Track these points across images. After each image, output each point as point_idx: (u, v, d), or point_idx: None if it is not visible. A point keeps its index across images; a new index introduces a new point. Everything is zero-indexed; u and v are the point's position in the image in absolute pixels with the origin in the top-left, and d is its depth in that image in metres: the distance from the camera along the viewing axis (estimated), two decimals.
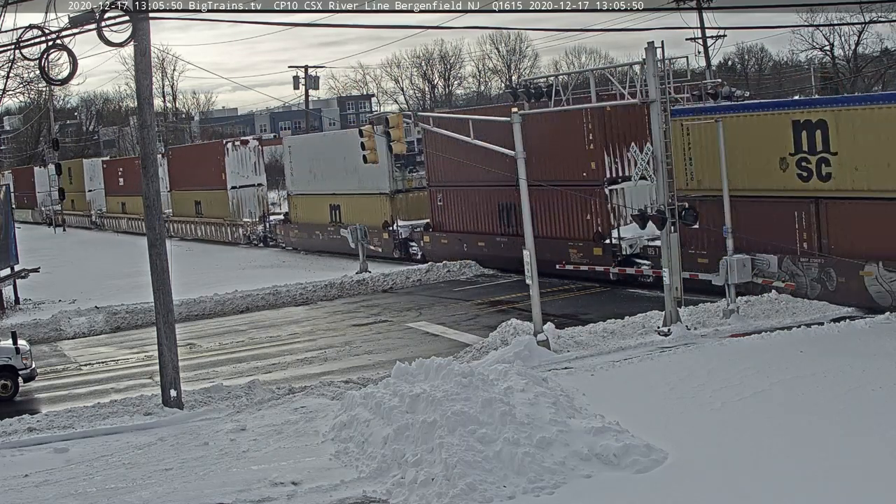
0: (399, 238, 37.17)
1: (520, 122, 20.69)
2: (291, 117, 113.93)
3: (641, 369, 17.88)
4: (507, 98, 35.26)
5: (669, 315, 20.60)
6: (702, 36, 48.77)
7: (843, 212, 21.83)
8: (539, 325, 20.05)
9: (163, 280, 18.13)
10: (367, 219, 37.54)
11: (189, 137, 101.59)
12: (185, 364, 19.74)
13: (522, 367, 15.77)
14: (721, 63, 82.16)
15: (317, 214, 42.62)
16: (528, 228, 20.69)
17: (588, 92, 22.93)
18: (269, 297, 31.25)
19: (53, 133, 77.64)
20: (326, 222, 41.46)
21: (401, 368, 15.90)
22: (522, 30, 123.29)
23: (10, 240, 34.04)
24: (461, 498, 12.10)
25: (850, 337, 18.70)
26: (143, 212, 19.00)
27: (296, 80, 62.90)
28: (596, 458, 12.84)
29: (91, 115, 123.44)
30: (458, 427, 13.18)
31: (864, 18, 62.32)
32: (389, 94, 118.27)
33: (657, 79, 20.49)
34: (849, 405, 14.58)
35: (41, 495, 13.75)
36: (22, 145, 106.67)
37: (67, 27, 17.30)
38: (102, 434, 16.69)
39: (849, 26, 64.08)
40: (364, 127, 27.09)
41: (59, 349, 26.65)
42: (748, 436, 13.59)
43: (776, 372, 16.46)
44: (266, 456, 14.70)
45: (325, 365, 21.89)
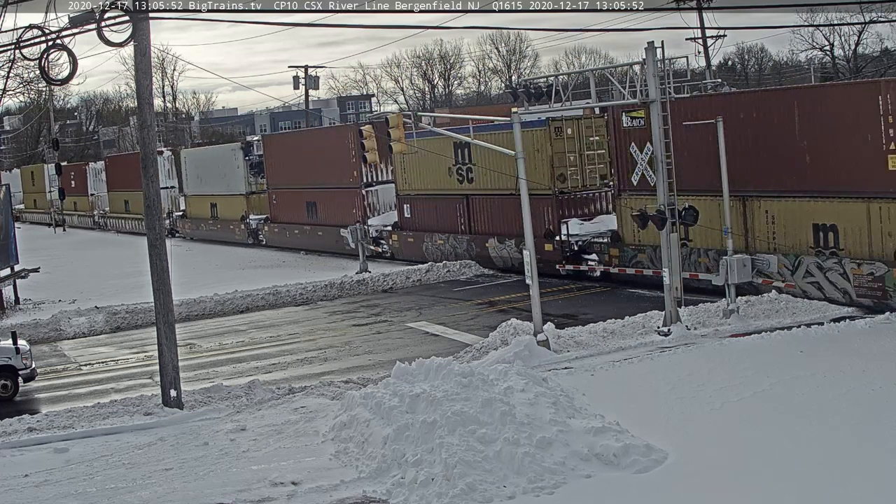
0: (251, 228, 48.08)
1: (519, 123, 20.73)
2: (291, 117, 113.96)
3: (641, 369, 17.88)
4: (508, 98, 35.38)
5: (669, 315, 20.60)
6: (702, 36, 48.83)
7: (478, 204, 33.36)
8: (539, 325, 20.05)
9: (163, 280, 18.14)
10: (232, 213, 50.46)
11: (189, 137, 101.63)
12: (185, 364, 19.75)
13: (522, 367, 15.76)
14: (721, 63, 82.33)
15: (202, 210, 54.28)
16: (527, 229, 20.69)
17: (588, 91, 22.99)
18: (269, 297, 31.26)
19: (53, 133, 77.67)
20: (208, 216, 53.47)
21: (401, 368, 15.90)
22: (522, 30, 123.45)
23: (10, 240, 34.04)
24: (461, 498, 12.10)
25: (850, 337, 18.70)
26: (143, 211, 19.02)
27: (296, 80, 62.96)
28: (596, 458, 12.84)
29: (91, 115, 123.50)
30: (458, 427, 13.19)
31: (864, 18, 62.42)
32: (389, 94, 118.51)
33: (657, 79, 20.49)
34: (849, 405, 14.58)
35: (41, 495, 13.74)
36: (22, 145, 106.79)
37: (67, 27, 17.30)
38: (102, 434, 16.68)
39: (849, 26, 64.18)
40: (364, 127, 27.32)
41: (59, 349, 26.65)
42: (748, 436, 13.59)
43: (776, 372, 16.47)
44: (266, 456, 14.69)
45: (325, 365, 21.89)
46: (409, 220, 37.30)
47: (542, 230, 29.26)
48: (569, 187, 30.10)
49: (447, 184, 34.54)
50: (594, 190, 30.56)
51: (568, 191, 30.22)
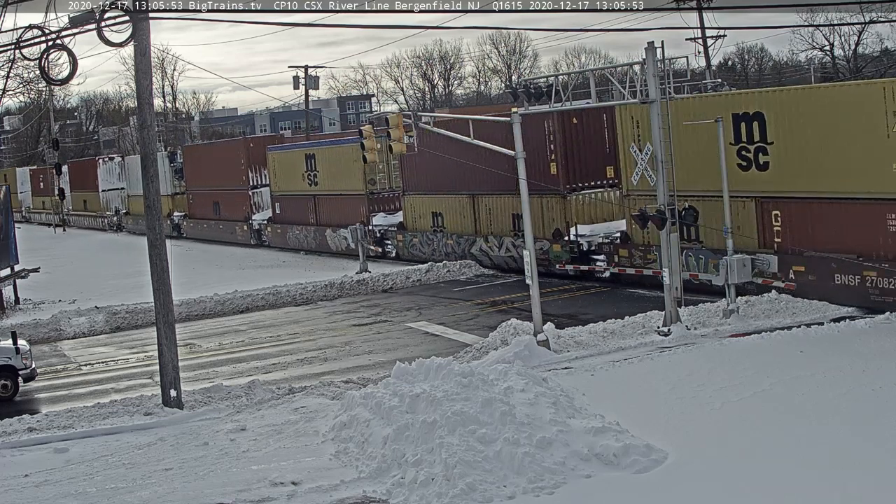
0: (175, 223, 56.51)
1: (519, 122, 20.74)
2: (291, 117, 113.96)
3: (641, 369, 17.87)
4: (508, 98, 35.40)
5: (669, 315, 20.60)
6: (702, 36, 48.76)
7: (325, 204, 42.08)
8: (539, 325, 20.05)
9: (163, 280, 18.13)
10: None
11: (189, 137, 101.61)
12: (185, 364, 19.75)
13: (522, 367, 15.75)
14: (721, 63, 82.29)
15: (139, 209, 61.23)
16: (528, 229, 20.70)
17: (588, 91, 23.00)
18: (269, 297, 31.27)
19: (53, 133, 77.64)
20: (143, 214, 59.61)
21: (401, 368, 15.89)
22: (522, 30, 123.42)
23: (10, 240, 34.04)
24: (461, 498, 12.10)
25: (850, 337, 18.69)
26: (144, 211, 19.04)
27: (296, 80, 62.89)
28: (596, 458, 12.84)
29: (91, 115, 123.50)
30: (458, 427, 13.19)
31: (864, 18, 62.35)
32: (389, 94, 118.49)
33: (657, 79, 20.48)
34: (849, 405, 14.57)
35: (41, 495, 13.74)
36: (22, 145, 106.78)
37: (67, 27, 17.29)
38: (102, 434, 16.68)
39: (849, 26, 64.12)
40: (364, 127, 27.36)
41: (59, 349, 26.65)
42: (748, 436, 13.59)
43: (776, 372, 16.46)
44: (266, 456, 14.69)
45: (325, 365, 21.89)
46: (279, 216, 46.65)
47: (357, 220, 37.71)
48: (378, 189, 39.72)
49: (301, 186, 43.79)
50: (398, 190, 38.59)
51: (377, 191, 39.67)
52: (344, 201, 40.62)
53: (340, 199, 40.89)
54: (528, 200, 20.64)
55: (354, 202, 40.00)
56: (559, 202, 30.01)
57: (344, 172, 40.17)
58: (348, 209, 39.92)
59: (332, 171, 41.34)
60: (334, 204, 41.49)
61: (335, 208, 41.36)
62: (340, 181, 40.71)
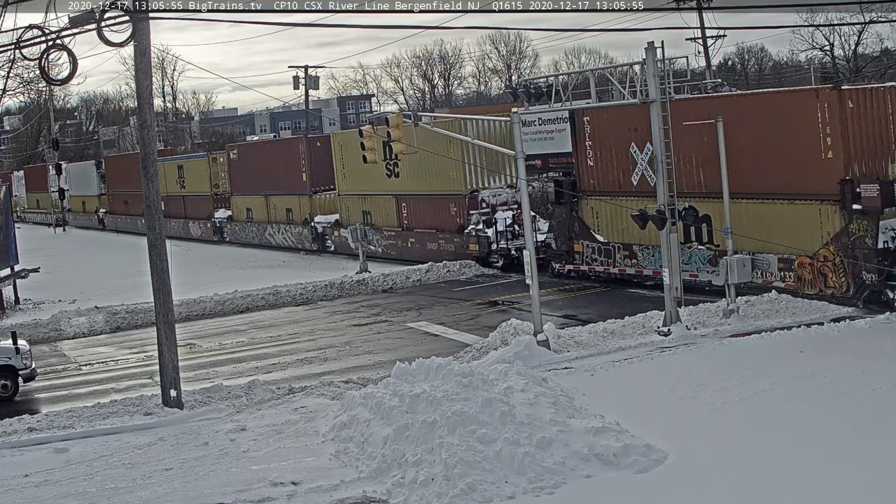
0: (100, 217, 70.49)
1: (519, 122, 20.73)
2: (291, 117, 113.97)
3: (641, 369, 17.87)
4: (508, 98, 35.38)
5: (669, 315, 20.59)
6: (702, 36, 48.77)
7: (189, 202, 56.49)
8: (539, 325, 20.04)
9: (163, 280, 18.12)
10: (90, 208, 73.76)
11: (189, 137, 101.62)
12: (185, 364, 19.74)
13: (522, 367, 15.75)
14: (721, 63, 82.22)
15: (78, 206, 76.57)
16: (528, 229, 20.70)
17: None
18: (269, 297, 31.27)
19: (53, 133, 77.65)
20: (81, 210, 75.86)
21: (401, 368, 15.89)
22: (522, 30, 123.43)
23: (10, 240, 34.04)
24: (461, 498, 12.10)
25: (850, 337, 18.70)
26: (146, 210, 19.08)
27: (296, 80, 62.90)
28: (596, 458, 12.84)
29: (91, 115, 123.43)
30: (458, 427, 13.18)
31: (864, 18, 62.31)
32: (389, 94, 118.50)
33: (657, 79, 20.48)
34: (849, 405, 14.58)
35: (41, 495, 13.74)
36: (22, 145, 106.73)
37: (67, 27, 17.27)
38: (102, 434, 16.68)
39: (849, 26, 64.09)
40: (364, 127, 27.33)
41: (59, 349, 26.65)
42: (748, 436, 13.59)
43: (776, 372, 16.46)
44: (266, 456, 14.69)
45: (325, 365, 21.89)
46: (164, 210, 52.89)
47: (206, 214, 52.70)
48: (220, 191, 53.09)
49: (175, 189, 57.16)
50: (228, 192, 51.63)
51: (219, 193, 53.15)
52: (196, 200, 56.66)
53: (194, 199, 56.88)
54: (527, 201, 20.64)
55: (204, 201, 55.50)
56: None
57: (197, 179, 55.83)
58: (201, 205, 55.64)
59: (193, 178, 56.64)
60: (191, 202, 57.32)
61: (192, 205, 57.32)
62: (196, 185, 56.24)
